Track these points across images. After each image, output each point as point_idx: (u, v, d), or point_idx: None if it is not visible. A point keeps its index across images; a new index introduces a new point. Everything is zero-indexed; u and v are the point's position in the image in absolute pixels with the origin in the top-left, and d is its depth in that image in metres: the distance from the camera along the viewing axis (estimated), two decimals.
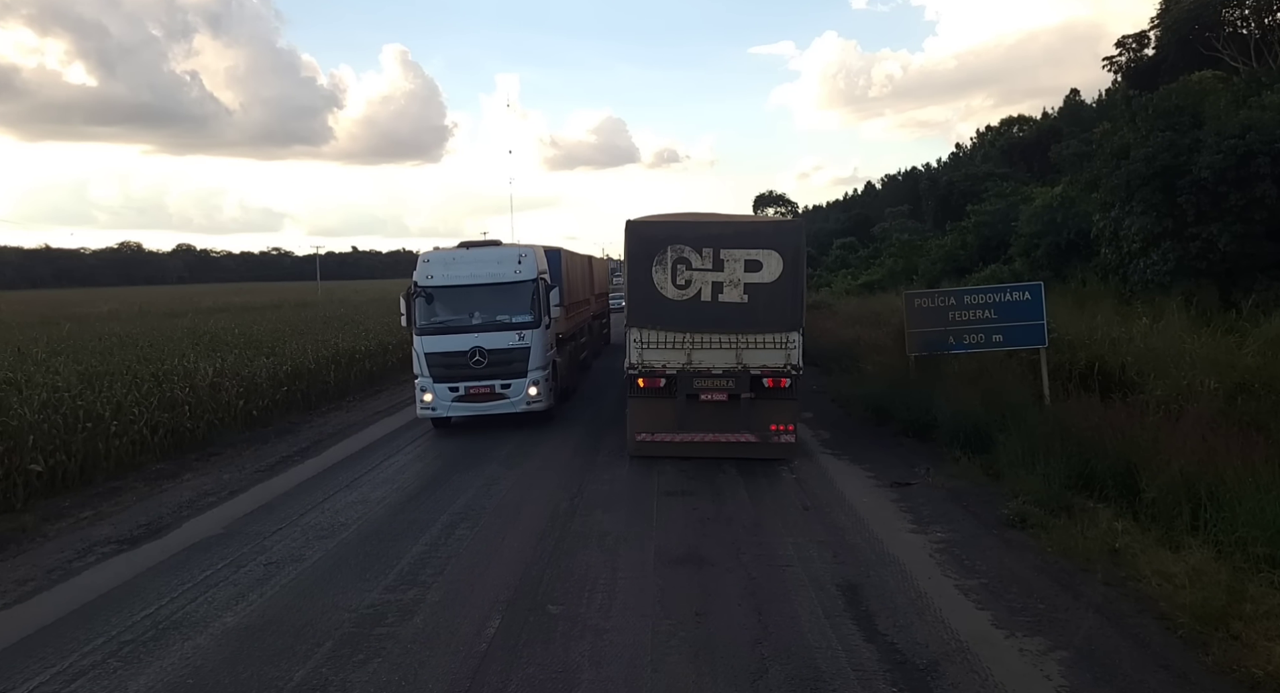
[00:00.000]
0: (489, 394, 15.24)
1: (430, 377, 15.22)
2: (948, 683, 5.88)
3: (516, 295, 15.38)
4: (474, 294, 15.36)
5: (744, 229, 12.81)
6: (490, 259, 15.57)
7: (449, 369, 15.14)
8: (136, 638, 7.07)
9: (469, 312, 15.41)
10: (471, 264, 15.43)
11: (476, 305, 15.41)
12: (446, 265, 15.41)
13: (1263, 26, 33.14)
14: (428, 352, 15.17)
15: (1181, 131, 19.60)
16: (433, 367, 15.18)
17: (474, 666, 6.33)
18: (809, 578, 7.90)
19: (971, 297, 14.75)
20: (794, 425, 12.48)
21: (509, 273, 15.40)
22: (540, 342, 15.45)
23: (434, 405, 15.29)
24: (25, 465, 11.53)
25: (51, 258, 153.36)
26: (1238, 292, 17.84)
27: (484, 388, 15.19)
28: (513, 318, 15.32)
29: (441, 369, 15.18)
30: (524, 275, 15.43)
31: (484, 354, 15.03)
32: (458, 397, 15.23)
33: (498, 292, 15.33)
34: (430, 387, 15.22)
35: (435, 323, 15.38)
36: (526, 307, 15.40)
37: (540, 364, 15.44)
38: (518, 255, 15.63)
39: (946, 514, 9.80)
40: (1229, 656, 5.98)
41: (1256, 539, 7.34)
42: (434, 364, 15.17)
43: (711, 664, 6.24)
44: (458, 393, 15.21)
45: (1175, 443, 9.15)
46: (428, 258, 15.61)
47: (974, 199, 39.00)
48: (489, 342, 15.12)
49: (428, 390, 15.22)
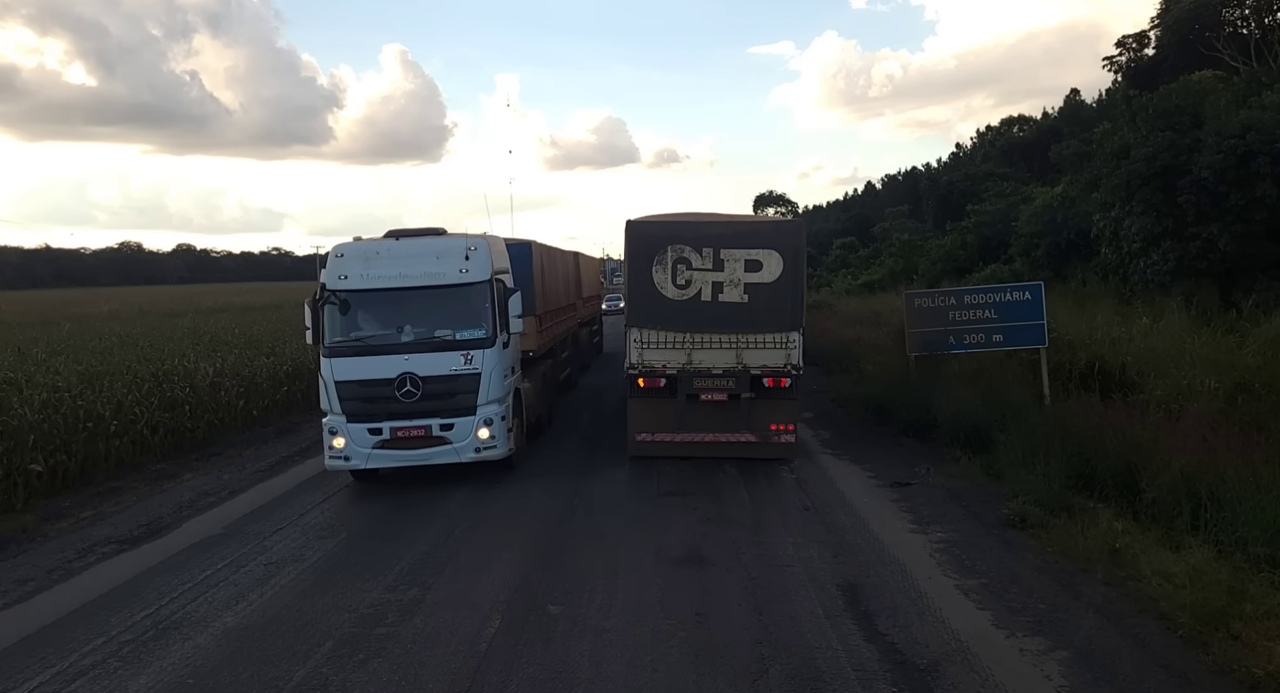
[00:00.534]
0: (424, 438, 11.34)
1: (343, 414, 11.31)
2: (948, 683, 5.88)
3: (463, 303, 11.60)
4: (404, 301, 11.59)
5: (744, 229, 12.82)
6: (427, 254, 11.60)
7: (369, 404, 11.29)
8: (136, 638, 7.07)
9: (397, 325, 11.66)
10: (401, 261, 11.52)
11: (408, 317, 11.66)
12: (367, 262, 11.53)
13: (1263, 26, 33.12)
14: (340, 380, 11.30)
15: (1181, 131, 19.61)
16: (347, 400, 11.30)
17: (474, 666, 6.33)
18: (809, 578, 7.90)
19: (971, 297, 14.76)
20: (794, 425, 12.48)
21: (452, 272, 11.50)
22: (497, 365, 11.61)
23: (347, 453, 11.32)
24: (25, 465, 11.54)
25: (51, 258, 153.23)
26: (1238, 292, 17.85)
27: (417, 430, 11.31)
28: (457, 333, 11.53)
29: (359, 404, 11.31)
30: (473, 276, 11.54)
31: (417, 383, 11.18)
32: (381, 442, 11.29)
33: (437, 298, 11.54)
34: (342, 428, 11.29)
35: (351, 341, 11.50)
36: (477, 318, 11.59)
37: (496, 395, 11.60)
38: (465, 249, 11.61)
39: (946, 514, 9.80)
40: (1229, 656, 5.98)
41: (1256, 539, 7.34)
42: (348, 397, 11.30)
43: (711, 664, 6.24)
44: (381, 436, 11.27)
45: (1175, 443, 9.15)
46: (341, 252, 11.71)
47: (974, 199, 39.04)
48: (424, 366, 11.26)
49: (339, 433, 11.30)
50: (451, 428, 11.39)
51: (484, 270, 11.64)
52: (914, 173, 71.47)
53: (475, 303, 11.64)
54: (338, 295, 11.54)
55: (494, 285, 11.68)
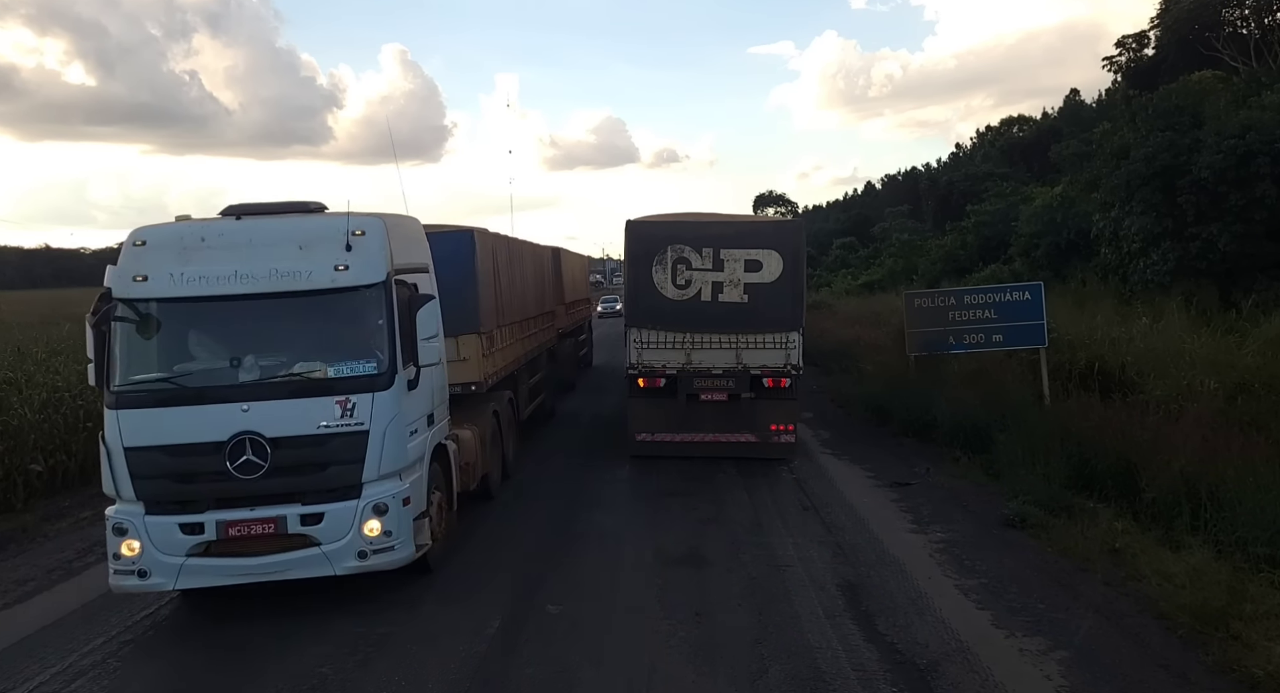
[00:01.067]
0: (272, 538, 7.13)
1: (138, 501, 7.12)
2: (948, 683, 5.88)
3: (341, 319, 7.52)
4: (244, 317, 7.46)
5: (744, 229, 12.84)
6: (284, 241, 7.44)
7: (183, 484, 7.17)
8: (136, 638, 7.07)
9: (232, 356, 7.42)
10: (241, 253, 7.34)
11: (249, 343, 7.47)
12: (183, 255, 7.34)
13: (1263, 26, 33.13)
14: (134, 446, 7.08)
15: (1181, 131, 19.63)
16: (145, 479, 7.09)
17: (474, 666, 6.33)
18: (809, 578, 7.90)
19: (971, 297, 14.77)
20: (794, 425, 12.49)
21: (323, 270, 7.30)
22: (395, 418, 7.40)
23: (143, 566, 7.03)
24: (25, 465, 11.54)
25: (51, 258, 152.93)
26: (1238, 292, 17.86)
27: (262, 525, 7.10)
28: (331, 368, 7.35)
29: (165, 484, 7.14)
30: (357, 276, 7.35)
31: (263, 449, 7.03)
32: (202, 545, 7.06)
33: (299, 311, 7.43)
34: (137, 524, 7.04)
35: (155, 383, 7.32)
36: (363, 343, 7.44)
37: (395, 465, 7.45)
38: (344, 234, 7.40)
39: (946, 514, 9.80)
40: (1229, 655, 5.99)
41: (1256, 539, 7.36)
42: (147, 473, 7.08)
43: (711, 664, 6.24)
44: (201, 536, 7.06)
45: (1175, 443, 9.17)
46: (142, 239, 7.48)
47: (974, 199, 39.06)
48: (274, 422, 7.09)
49: (129, 531, 7.04)
50: (319, 521, 7.12)
51: (376, 267, 7.33)
52: (914, 173, 71.45)
53: (361, 319, 7.38)
54: (135, 308, 7.28)
55: (392, 291, 7.36)
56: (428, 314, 7.69)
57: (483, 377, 10.81)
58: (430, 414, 8.34)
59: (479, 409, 10.74)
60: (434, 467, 8.32)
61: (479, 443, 10.01)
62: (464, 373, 10.38)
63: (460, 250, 10.51)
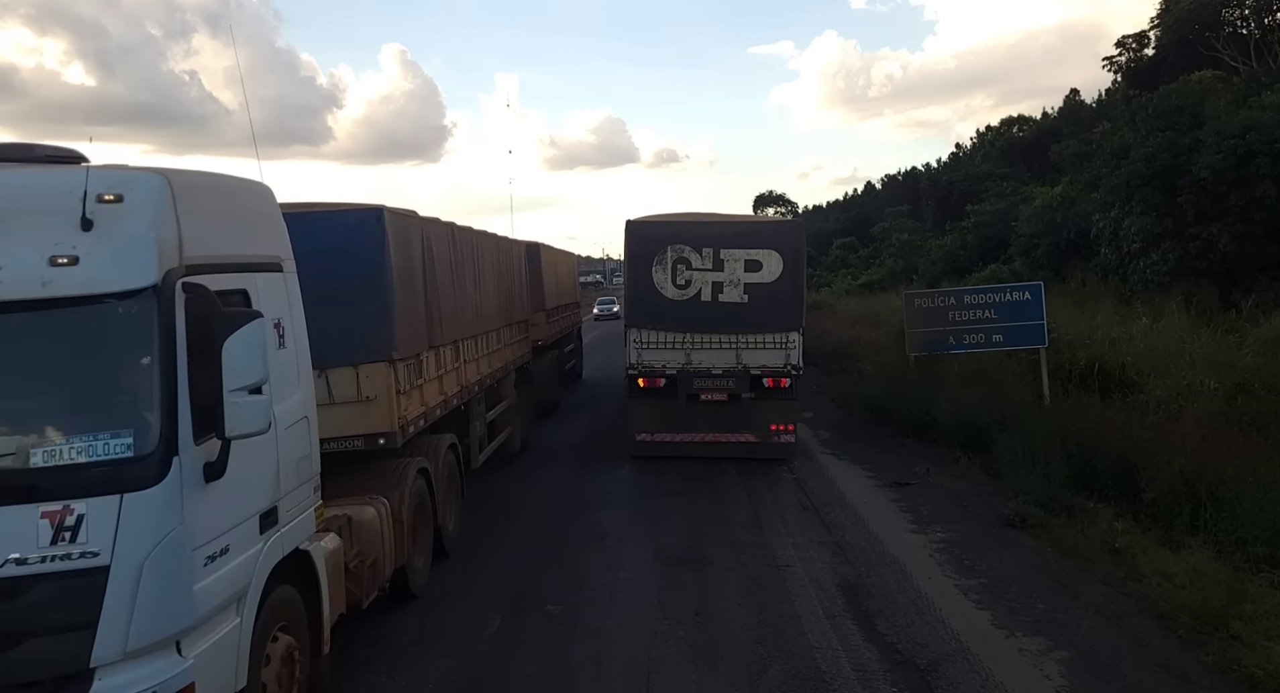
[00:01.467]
0: None
1: None
2: (948, 683, 5.88)
3: (58, 354, 3.90)
4: None
5: (744, 229, 12.86)
6: None
7: None
8: None
9: None
10: None
11: None
12: None
13: (1263, 26, 33.15)
14: None
15: (1181, 131, 19.62)
16: None
17: (474, 666, 6.33)
18: (809, 578, 7.90)
19: (971, 297, 14.78)
20: (794, 425, 12.50)
21: (22, 266, 3.79)
22: (169, 533, 3.85)
23: None
24: None
25: None
26: (1238, 292, 17.84)
27: None
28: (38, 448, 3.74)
29: None
30: (94, 278, 3.82)
31: None
32: None
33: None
34: None
35: None
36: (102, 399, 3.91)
37: (167, 624, 3.88)
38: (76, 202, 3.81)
39: (946, 514, 9.80)
40: (1228, 655, 5.99)
41: (1256, 539, 7.37)
42: None
43: (712, 664, 6.24)
44: None
45: (1175, 443, 9.17)
46: None
47: (974, 199, 39.02)
48: None
49: None
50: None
51: (138, 261, 3.91)
52: (914, 173, 71.41)
53: (102, 355, 3.95)
54: None
55: (175, 303, 4.00)
56: (246, 344, 4.12)
57: (396, 424, 7.22)
58: (269, 510, 4.79)
59: (394, 472, 7.35)
60: (280, 595, 4.91)
61: (388, 525, 6.78)
62: (368, 420, 7.05)
63: (361, 239, 7.14)
